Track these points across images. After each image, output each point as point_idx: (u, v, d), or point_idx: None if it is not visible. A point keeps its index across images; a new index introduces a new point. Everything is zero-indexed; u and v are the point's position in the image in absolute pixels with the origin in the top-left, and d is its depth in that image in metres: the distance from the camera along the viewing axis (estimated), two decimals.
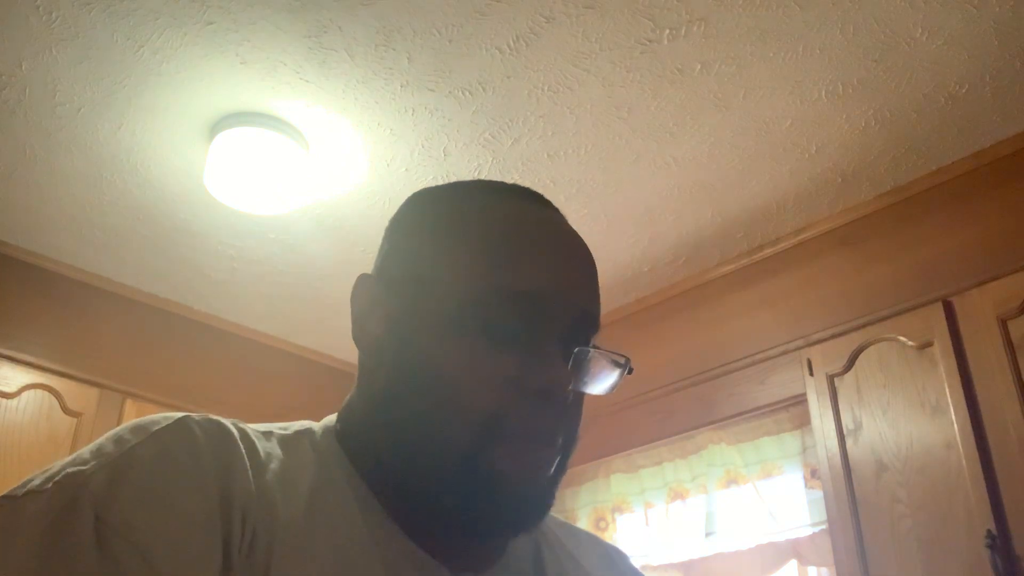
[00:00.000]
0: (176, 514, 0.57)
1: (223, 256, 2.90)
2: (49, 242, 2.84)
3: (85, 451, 0.61)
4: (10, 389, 2.69)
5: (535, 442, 0.65)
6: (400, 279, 0.71)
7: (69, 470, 0.59)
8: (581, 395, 0.70)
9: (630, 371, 0.71)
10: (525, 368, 0.65)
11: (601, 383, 0.70)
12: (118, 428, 0.63)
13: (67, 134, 2.38)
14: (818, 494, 2.54)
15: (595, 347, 0.70)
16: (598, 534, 3.02)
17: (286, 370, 3.38)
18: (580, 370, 0.68)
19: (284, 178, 2.38)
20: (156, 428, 0.61)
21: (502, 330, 0.66)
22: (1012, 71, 2.17)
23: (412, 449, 0.66)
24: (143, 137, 2.40)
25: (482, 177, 2.50)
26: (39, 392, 2.75)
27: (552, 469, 0.67)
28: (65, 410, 2.76)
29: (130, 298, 3.07)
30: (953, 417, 2.17)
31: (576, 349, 0.67)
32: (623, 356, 0.70)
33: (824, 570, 2.75)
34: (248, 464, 0.62)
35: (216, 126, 2.35)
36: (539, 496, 0.67)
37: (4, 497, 0.58)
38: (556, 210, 0.75)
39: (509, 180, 2.71)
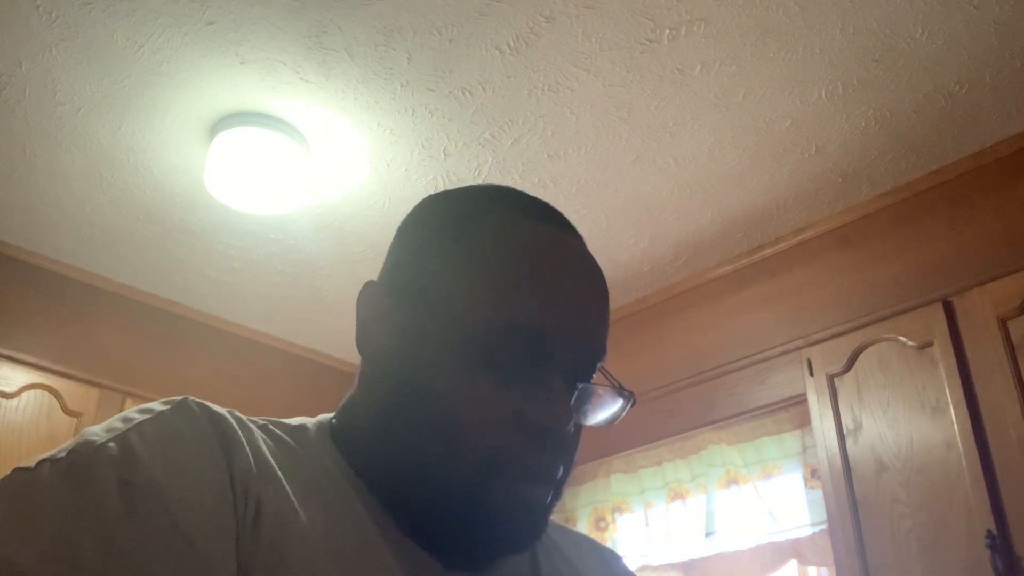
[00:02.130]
0: (194, 480, 0.58)
1: (223, 256, 2.90)
2: (49, 242, 2.84)
3: (94, 427, 0.61)
4: (10, 389, 2.69)
5: (532, 480, 0.66)
6: (407, 292, 0.70)
7: (81, 440, 0.59)
8: (581, 426, 0.70)
9: (633, 403, 0.70)
10: (527, 405, 0.65)
11: (604, 414, 0.70)
12: (123, 412, 0.64)
13: (67, 134, 2.38)
14: (818, 494, 2.54)
15: (598, 383, 0.69)
16: (598, 534, 3.02)
17: (286, 370, 3.38)
18: (583, 403, 0.69)
19: (284, 178, 2.38)
20: (160, 409, 0.63)
21: (507, 365, 0.65)
22: (1012, 71, 2.17)
23: (409, 470, 0.67)
24: (143, 137, 2.40)
25: (482, 177, 2.50)
26: (39, 392, 2.75)
27: (547, 505, 0.68)
28: (65, 410, 2.76)
29: (130, 298, 3.07)
30: (953, 417, 2.17)
31: (580, 386, 0.67)
32: (627, 390, 0.70)
33: (824, 570, 2.75)
34: (246, 444, 0.63)
35: (216, 126, 2.35)
36: (532, 524, 0.67)
37: (16, 469, 0.58)
38: (571, 230, 0.73)
39: (509, 180, 2.71)
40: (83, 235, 2.80)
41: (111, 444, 0.58)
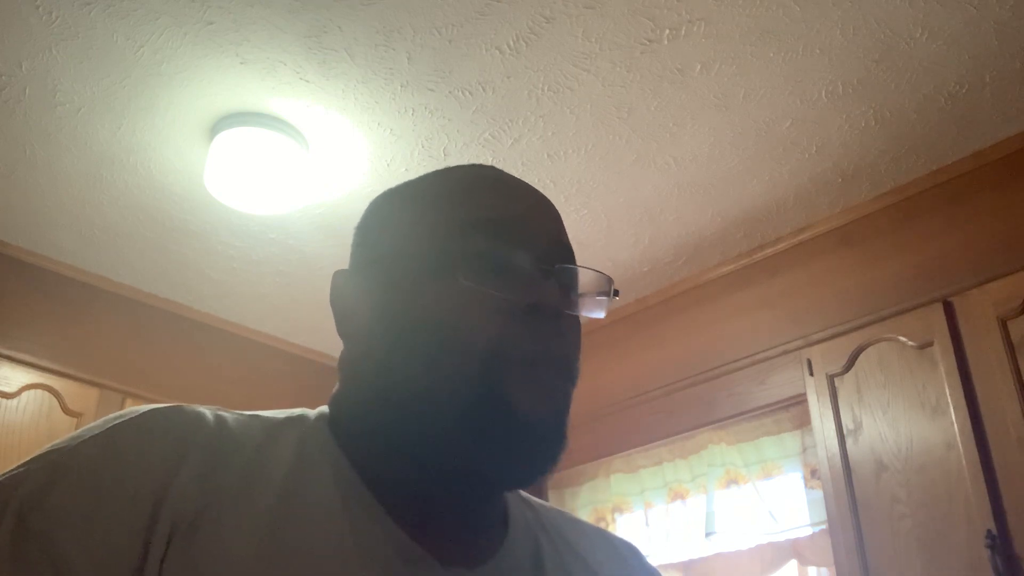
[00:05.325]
0: (99, 522, 0.57)
1: (223, 256, 2.90)
2: (49, 242, 2.84)
3: (46, 446, 0.62)
4: (10, 389, 2.69)
5: (540, 364, 0.64)
6: (375, 260, 0.71)
7: (13, 472, 0.60)
8: (575, 319, 0.69)
9: (616, 293, 0.71)
10: (510, 292, 0.65)
11: (589, 305, 0.70)
12: (98, 419, 0.64)
13: (67, 134, 2.38)
14: (818, 494, 2.54)
15: (576, 266, 0.70)
16: None
17: (286, 370, 3.38)
18: (565, 290, 0.68)
19: (284, 178, 2.38)
20: (115, 423, 0.63)
21: (479, 261, 0.65)
22: (1012, 71, 2.17)
23: (416, 409, 0.65)
24: (143, 137, 2.40)
25: None
26: (39, 392, 2.74)
27: (564, 396, 0.66)
28: (65, 410, 2.76)
29: (130, 298, 3.07)
30: (953, 417, 2.17)
31: (556, 266, 0.67)
32: (606, 275, 0.71)
33: (824, 570, 2.75)
34: (204, 459, 0.62)
35: (216, 126, 2.35)
36: (554, 429, 0.65)
37: None
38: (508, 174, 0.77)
39: None
40: (83, 235, 2.80)
41: (33, 478, 0.59)
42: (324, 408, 0.73)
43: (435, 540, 0.65)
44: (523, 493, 0.79)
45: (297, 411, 0.72)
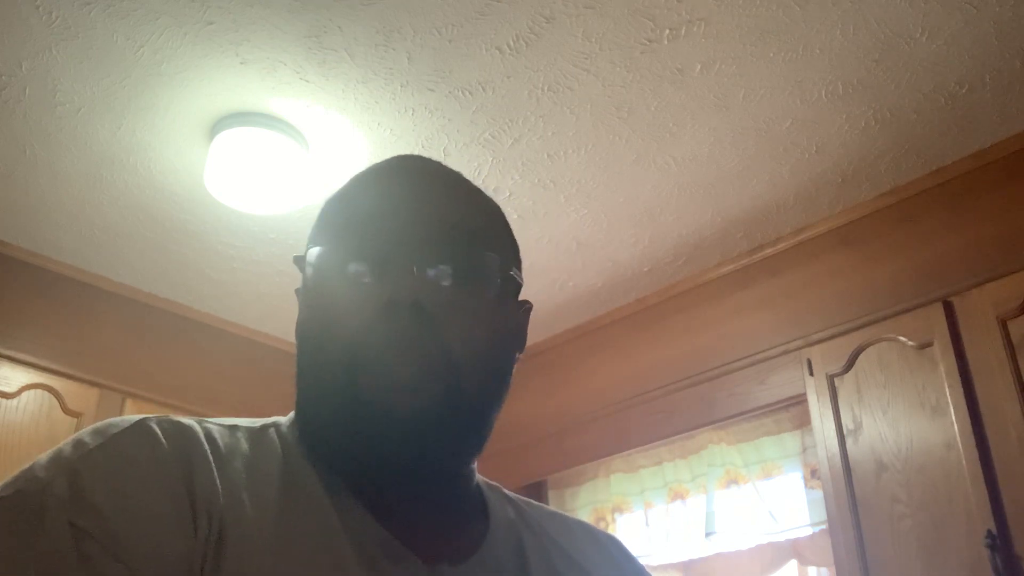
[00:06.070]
0: (147, 516, 0.57)
1: (223, 256, 2.90)
2: (49, 242, 2.84)
3: (44, 457, 0.60)
4: (10, 389, 2.69)
5: (393, 359, 0.65)
6: (303, 274, 0.74)
7: (28, 476, 0.58)
8: (460, 305, 0.68)
9: (509, 271, 0.72)
10: (372, 289, 0.67)
11: (479, 281, 0.70)
12: (79, 432, 0.63)
13: (67, 134, 2.38)
14: (818, 494, 2.54)
15: (466, 252, 0.69)
16: None
17: (286, 370, 3.33)
18: (454, 275, 0.68)
19: (284, 178, 2.38)
20: (114, 432, 0.62)
21: (352, 263, 0.68)
22: (1012, 71, 2.17)
23: (319, 413, 0.68)
24: (143, 137, 2.40)
25: (482, 177, 2.50)
26: (39, 392, 2.74)
27: (433, 385, 0.66)
28: (65, 410, 2.76)
29: (130, 298, 3.07)
30: (953, 417, 2.17)
31: (407, 257, 0.67)
32: (491, 253, 0.71)
33: (824, 570, 2.75)
34: (212, 461, 0.63)
35: (216, 126, 2.35)
36: (423, 418, 0.65)
37: None
38: (420, 158, 0.77)
39: (509, 180, 2.71)
40: (83, 235, 2.80)
41: (58, 481, 0.57)
42: (292, 414, 0.75)
43: (419, 537, 0.67)
44: (506, 491, 0.81)
45: (271, 419, 0.73)
